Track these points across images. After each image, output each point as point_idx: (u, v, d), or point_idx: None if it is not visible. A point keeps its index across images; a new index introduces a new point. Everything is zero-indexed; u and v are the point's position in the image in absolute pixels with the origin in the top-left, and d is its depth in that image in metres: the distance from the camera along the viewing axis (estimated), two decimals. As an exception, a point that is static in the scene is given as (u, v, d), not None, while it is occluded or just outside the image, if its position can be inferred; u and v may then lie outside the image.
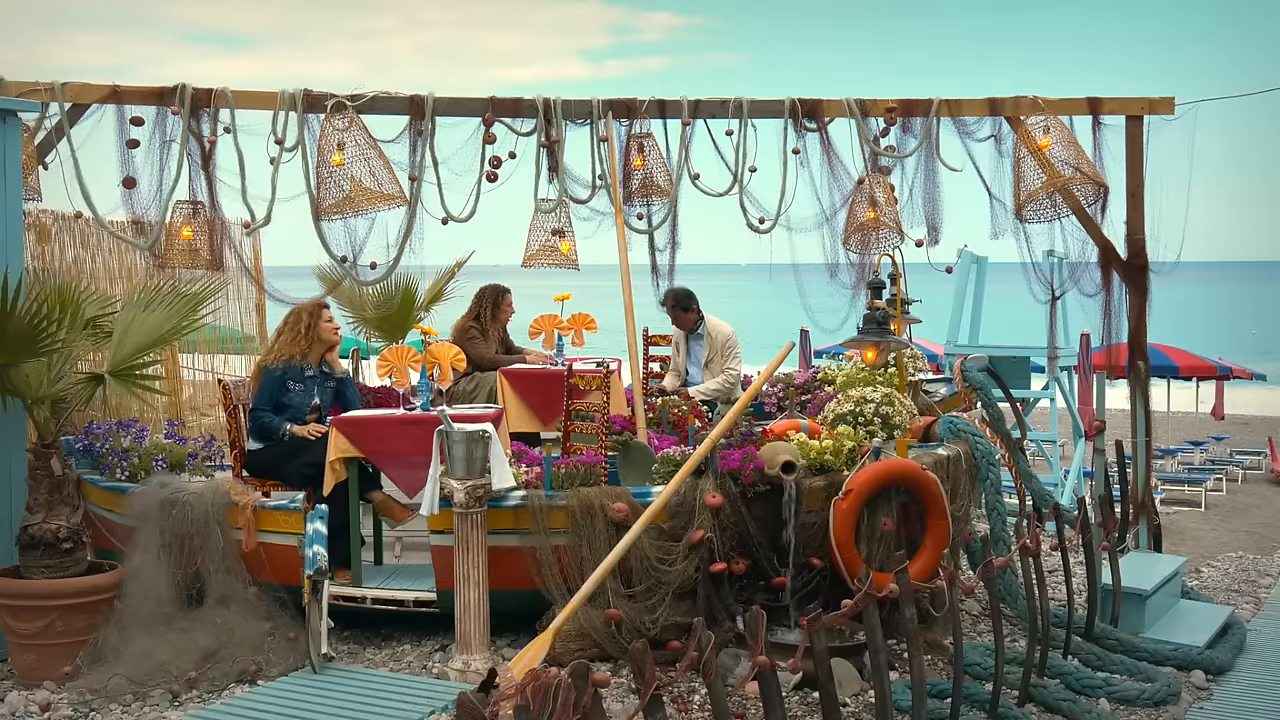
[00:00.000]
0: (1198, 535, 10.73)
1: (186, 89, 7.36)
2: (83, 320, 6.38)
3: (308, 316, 6.99)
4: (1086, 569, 6.38)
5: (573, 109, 7.74)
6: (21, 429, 6.25)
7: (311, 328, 6.94)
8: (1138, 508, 8.07)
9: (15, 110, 6.38)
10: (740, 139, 7.84)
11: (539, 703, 3.24)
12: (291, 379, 6.88)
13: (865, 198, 7.79)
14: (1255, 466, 16.53)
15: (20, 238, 6.39)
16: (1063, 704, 5.30)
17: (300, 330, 6.92)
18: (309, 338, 6.92)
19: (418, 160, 7.56)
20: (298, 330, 6.93)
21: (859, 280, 7.98)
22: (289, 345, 6.90)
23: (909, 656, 4.49)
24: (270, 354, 6.99)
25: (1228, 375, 17.15)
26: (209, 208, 7.48)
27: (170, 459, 6.75)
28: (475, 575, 5.67)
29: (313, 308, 7.06)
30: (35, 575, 5.85)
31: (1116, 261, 7.93)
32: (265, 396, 6.81)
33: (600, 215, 7.85)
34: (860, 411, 6.73)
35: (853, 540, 6.09)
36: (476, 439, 5.74)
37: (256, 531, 6.22)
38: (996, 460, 6.87)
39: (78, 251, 9.30)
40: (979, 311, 12.24)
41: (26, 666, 5.80)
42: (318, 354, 6.99)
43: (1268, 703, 5.59)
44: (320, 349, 6.99)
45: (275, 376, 6.83)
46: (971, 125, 7.98)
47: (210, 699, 5.50)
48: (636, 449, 6.89)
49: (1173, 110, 7.89)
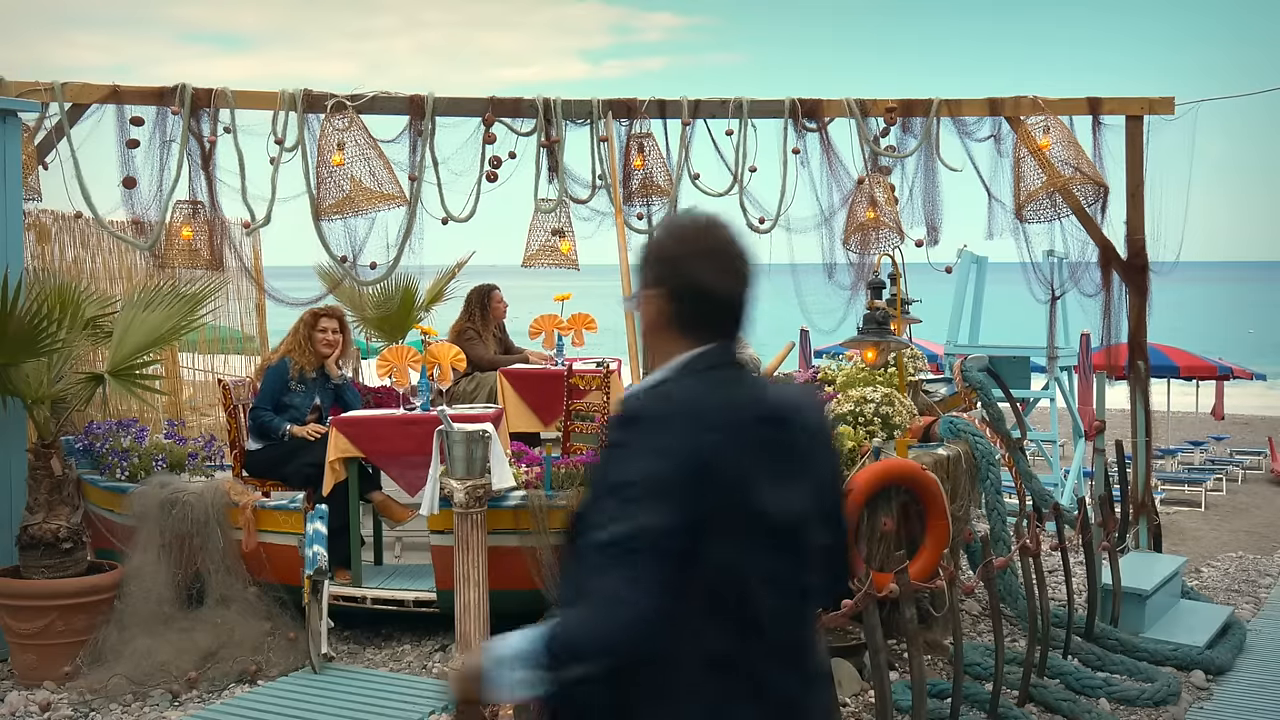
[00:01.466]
0: (1198, 535, 10.72)
1: (186, 89, 7.36)
2: (83, 320, 6.38)
3: (304, 327, 7.00)
4: (1086, 569, 6.39)
5: (573, 109, 7.73)
6: (21, 429, 6.25)
7: (309, 338, 6.94)
8: (1138, 508, 8.07)
9: (15, 110, 6.38)
10: (740, 139, 7.84)
11: (539, 703, 3.23)
12: (294, 380, 6.89)
13: (865, 198, 7.79)
14: (1255, 466, 16.53)
15: (20, 238, 6.40)
16: (1063, 704, 5.31)
17: (299, 338, 6.95)
18: (306, 345, 6.93)
19: (418, 160, 7.56)
20: (298, 337, 6.96)
21: (858, 280, 7.98)
22: (292, 349, 6.94)
23: (909, 656, 4.49)
24: (276, 353, 7.02)
25: (1228, 375, 17.13)
26: (209, 208, 7.48)
27: (170, 459, 6.75)
28: (475, 575, 5.67)
29: (310, 317, 7.06)
30: (35, 575, 5.85)
31: (1116, 261, 7.92)
32: (267, 395, 6.82)
33: (600, 215, 7.85)
34: (860, 411, 6.72)
35: (853, 540, 6.08)
36: (476, 439, 5.74)
37: (256, 531, 6.22)
38: (996, 460, 6.86)
39: (78, 251, 9.30)
40: (979, 311, 12.22)
41: (26, 666, 5.80)
42: (314, 361, 6.97)
43: (1268, 703, 5.59)
44: (315, 359, 6.97)
45: (279, 374, 6.84)
46: (971, 125, 7.98)
47: (210, 699, 5.50)
48: (636, 449, 6.88)
49: (1173, 110, 7.89)
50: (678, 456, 1.99)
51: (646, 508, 1.95)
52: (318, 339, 6.95)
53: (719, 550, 2.00)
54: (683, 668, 2.02)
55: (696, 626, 2.01)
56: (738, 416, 2.10)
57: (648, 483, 1.97)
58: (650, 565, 1.93)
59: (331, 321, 7.02)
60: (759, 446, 2.09)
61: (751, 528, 2.05)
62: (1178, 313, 31.15)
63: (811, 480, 2.18)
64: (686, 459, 1.99)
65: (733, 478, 2.03)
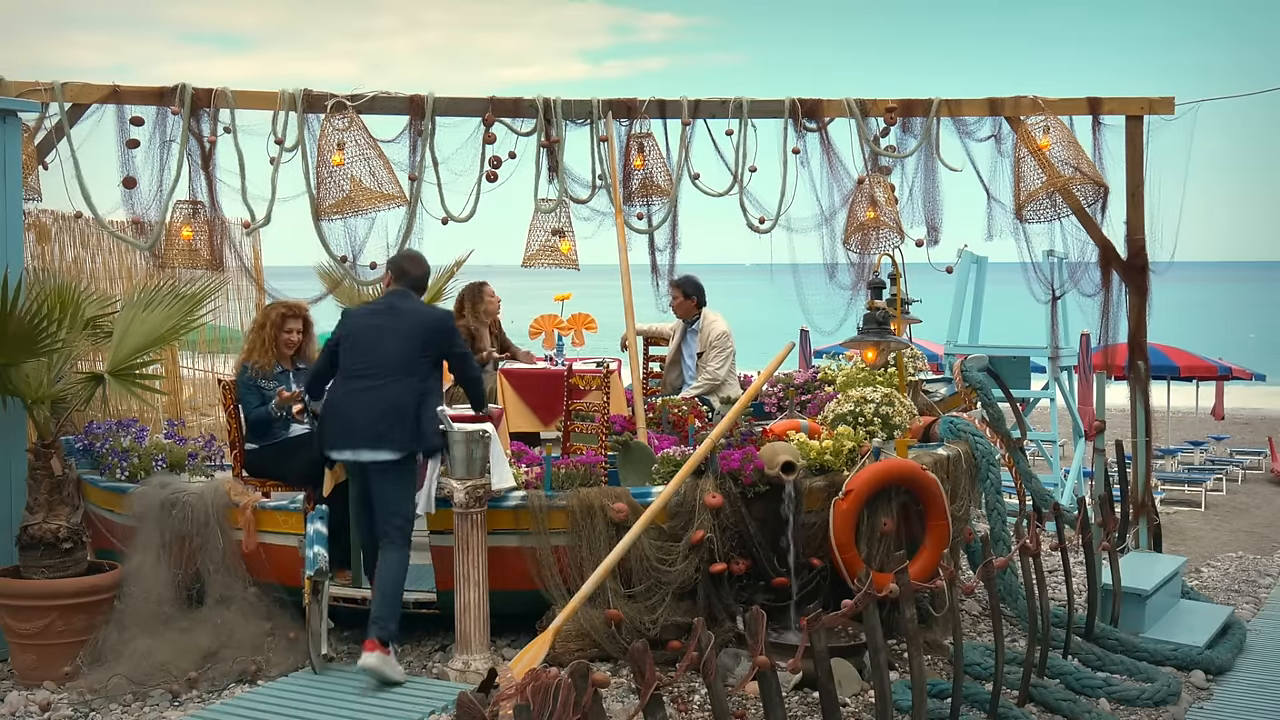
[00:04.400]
0: (1198, 535, 10.73)
1: (186, 89, 7.36)
2: (83, 320, 6.38)
3: (272, 327, 6.74)
4: (1086, 569, 6.39)
5: (573, 109, 7.73)
6: (21, 429, 6.25)
7: (274, 338, 6.71)
8: (1138, 508, 8.07)
9: (15, 110, 6.38)
10: (740, 139, 7.83)
11: (539, 703, 3.24)
12: (263, 379, 6.73)
13: (865, 197, 7.79)
14: (1255, 466, 16.53)
15: (20, 238, 6.39)
16: (1063, 704, 5.31)
17: (264, 336, 6.72)
18: (271, 346, 6.74)
19: (418, 160, 7.56)
20: (263, 335, 6.73)
21: (858, 280, 7.98)
22: (254, 348, 6.73)
23: (909, 656, 4.49)
24: (242, 355, 6.79)
25: (1228, 375, 17.14)
26: (209, 208, 7.48)
27: (170, 459, 6.75)
28: (475, 575, 5.67)
29: (278, 318, 6.79)
30: (35, 575, 5.85)
31: (1116, 261, 7.93)
32: (251, 403, 6.62)
33: (600, 215, 7.85)
34: (860, 411, 6.73)
35: (853, 540, 6.09)
36: (476, 439, 5.74)
37: (256, 532, 6.22)
38: (996, 460, 6.87)
39: (78, 251, 9.31)
40: (979, 311, 12.23)
41: (26, 666, 5.80)
42: (273, 360, 6.78)
43: (1268, 703, 5.60)
44: (274, 358, 6.76)
45: (248, 382, 6.65)
46: (971, 125, 7.97)
47: (210, 699, 5.50)
48: (636, 449, 6.89)
49: (1173, 110, 7.89)
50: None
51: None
52: (283, 339, 6.77)
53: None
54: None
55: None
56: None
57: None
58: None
59: (297, 323, 6.82)
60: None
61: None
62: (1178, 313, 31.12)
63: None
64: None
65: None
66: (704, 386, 8.59)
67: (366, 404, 5.74)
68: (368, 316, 6.00)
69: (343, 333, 5.96)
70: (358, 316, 6.04)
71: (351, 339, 5.91)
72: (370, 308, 6.14)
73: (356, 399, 5.78)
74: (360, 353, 5.85)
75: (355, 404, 5.77)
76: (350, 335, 5.92)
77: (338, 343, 5.95)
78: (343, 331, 5.97)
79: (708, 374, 8.60)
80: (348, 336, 5.93)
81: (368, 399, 5.74)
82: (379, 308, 6.04)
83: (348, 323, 6.01)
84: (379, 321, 5.92)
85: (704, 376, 8.65)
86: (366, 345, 5.85)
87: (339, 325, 6.06)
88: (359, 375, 5.81)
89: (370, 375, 5.77)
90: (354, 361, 5.86)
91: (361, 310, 6.16)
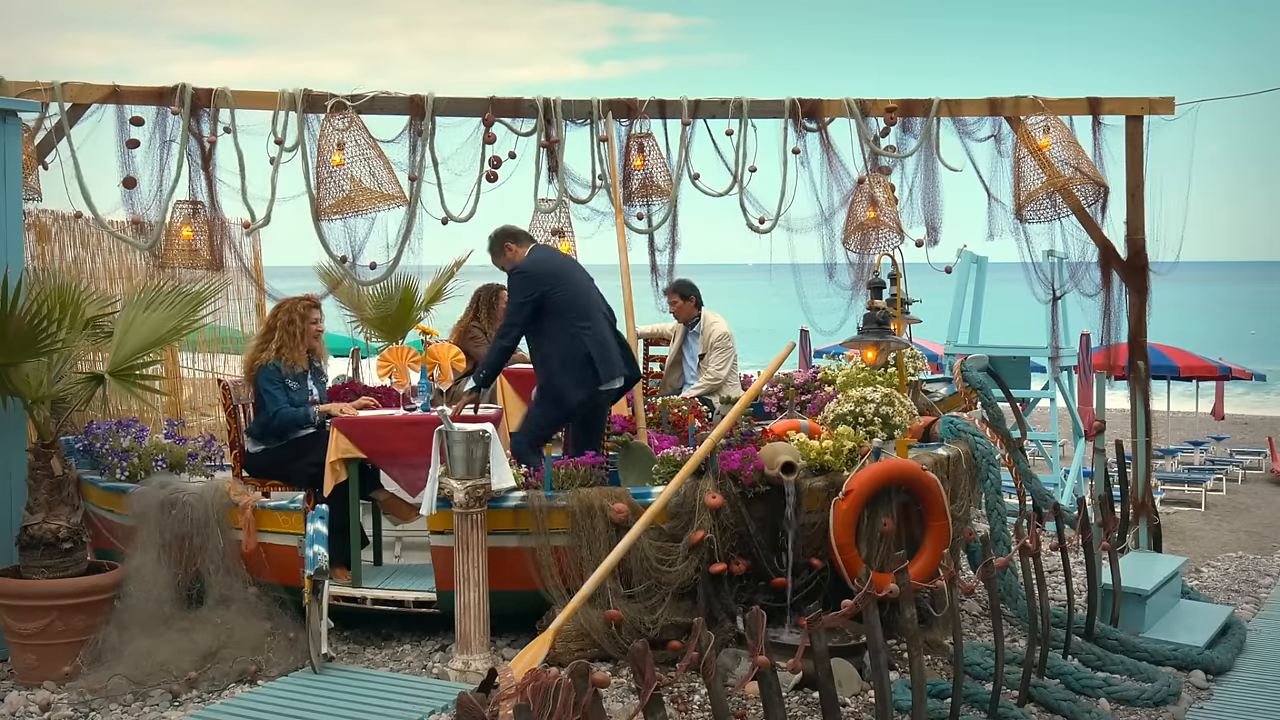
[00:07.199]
0: (1198, 535, 10.73)
1: (186, 89, 7.36)
2: (83, 320, 6.37)
3: (299, 319, 6.79)
4: (1086, 569, 6.38)
5: (572, 109, 7.73)
6: (21, 429, 6.25)
7: (303, 331, 6.80)
8: (1138, 508, 8.07)
9: (15, 110, 6.37)
10: (740, 139, 7.84)
11: (539, 703, 3.24)
12: (288, 376, 6.77)
13: (865, 197, 7.79)
14: (1255, 466, 16.55)
15: (20, 238, 6.39)
16: (1063, 704, 5.30)
17: (294, 330, 6.77)
18: (300, 339, 6.79)
19: (418, 160, 7.56)
20: (292, 330, 6.77)
21: (858, 280, 7.98)
22: (284, 344, 6.77)
23: (909, 656, 4.49)
24: (262, 350, 6.77)
25: (1227, 375, 17.16)
26: (209, 208, 7.48)
27: (170, 459, 6.75)
28: (475, 575, 5.67)
29: (302, 309, 6.84)
30: (35, 575, 5.85)
31: (1116, 261, 7.92)
32: (279, 396, 6.61)
33: (600, 215, 7.86)
34: (860, 411, 6.73)
35: (853, 540, 6.08)
36: (476, 439, 5.74)
37: (256, 532, 6.22)
38: (996, 460, 6.86)
39: (78, 251, 9.30)
40: (979, 311, 12.24)
41: (26, 666, 5.80)
42: (305, 353, 6.86)
43: (1268, 703, 5.59)
44: (306, 351, 6.85)
45: (277, 374, 6.66)
46: (971, 125, 7.97)
47: (210, 699, 5.50)
48: (636, 449, 6.89)
49: (1173, 110, 7.89)
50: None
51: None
52: (311, 330, 6.85)
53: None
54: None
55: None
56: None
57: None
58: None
59: (318, 312, 6.92)
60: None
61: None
62: (1178, 313, 31.13)
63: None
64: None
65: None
66: (705, 387, 8.60)
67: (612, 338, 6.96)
68: (570, 267, 7.13)
69: (547, 287, 6.75)
70: (561, 265, 7.05)
71: (564, 287, 6.82)
72: (562, 257, 7.29)
73: (606, 333, 6.91)
74: (585, 295, 6.91)
75: (610, 338, 6.93)
76: (562, 284, 6.83)
77: (542, 296, 6.72)
78: (548, 285, 6.76)
79: (709, 375, 8.61)
80: (561, 286, 6.81)
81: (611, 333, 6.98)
82: (567, 260, 7.26)
83: (552, 273, 6.87)
84: (581, 275, 7.08)
85: (705, 377, 8.66)
86: (584, 288, 6.96)
87: (535, 282, 6.76)
88: (587, 316, 6.84)
89: (592, 317, 6.85)
90: (585, 304, 6.87)
91: (557, 260, 7.09)
